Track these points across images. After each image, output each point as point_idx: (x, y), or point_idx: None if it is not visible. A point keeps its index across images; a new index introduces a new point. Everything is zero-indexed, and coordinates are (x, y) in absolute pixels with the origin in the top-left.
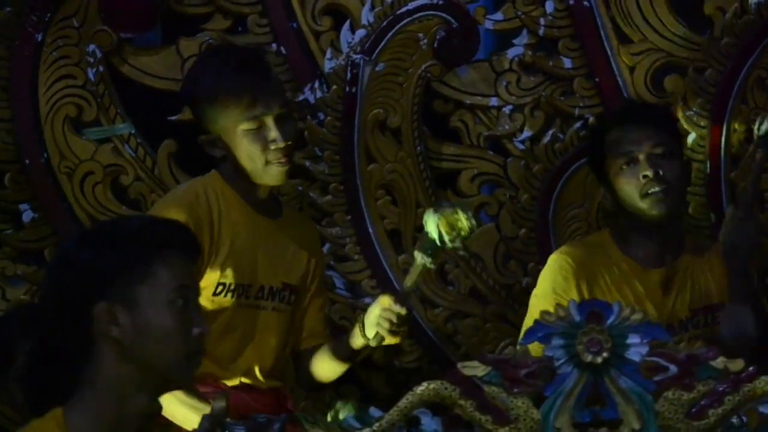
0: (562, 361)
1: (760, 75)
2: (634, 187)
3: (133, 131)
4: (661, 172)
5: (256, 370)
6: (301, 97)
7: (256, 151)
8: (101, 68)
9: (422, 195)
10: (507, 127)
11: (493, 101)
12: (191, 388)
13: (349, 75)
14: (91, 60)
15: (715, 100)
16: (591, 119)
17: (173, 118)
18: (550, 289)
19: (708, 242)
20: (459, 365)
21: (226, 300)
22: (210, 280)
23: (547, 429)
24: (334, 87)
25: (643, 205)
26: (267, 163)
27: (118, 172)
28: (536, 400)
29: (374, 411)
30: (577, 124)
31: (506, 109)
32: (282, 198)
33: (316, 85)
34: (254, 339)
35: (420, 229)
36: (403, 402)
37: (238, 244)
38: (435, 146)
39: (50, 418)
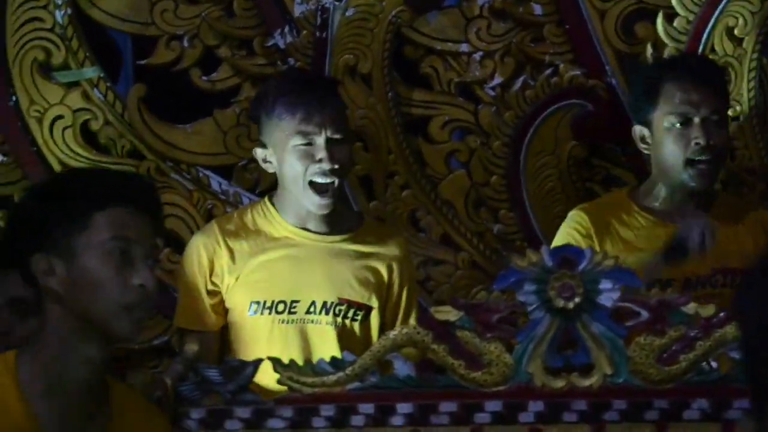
0: (534, 306)
1: (729, 23)
2: (681, 150)
3: (101, 75)
4: (712, 141)
5: None
6: (270, 42)
7: (301, 169)
8: (69, 11)
9: (393, 141)
10: (477, 73)
11: (464, 47)
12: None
13: (319, 20)
14: (59, 2)
15: (686, 48)
16: (562, 66)
17: (142, 62)
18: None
19: (741, 201)
20: (431, 310)
21: (264, 318)
22: (240, 300)
23: (520, 374)
24: (304, 32)
25: (685, 174)
26: (310, 182)
27: (87, 117)
28: (509, 344)
29: (347, 355)
30: (548, 71)
31: (477, 56)
32: None
33: (286, 29)
34: (311, 354)
35: (391, 175)
36: (376, 346)
37: (269, 263)
38: (406, 92)
39: (1, 359)
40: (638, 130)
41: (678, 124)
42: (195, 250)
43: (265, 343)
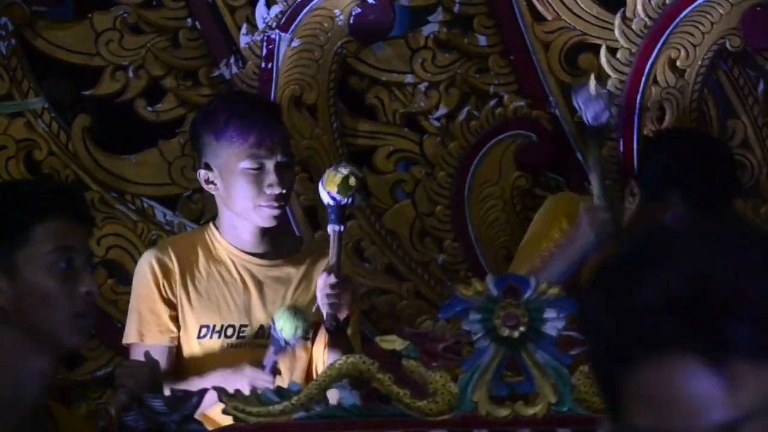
0: (479, 335)
1: (671, 54)
2: None
3: (46, 106)
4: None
5: None
6: (216, 73)
7: (251, 191)
8: (13, 41)
9: None
10: (423, 104)
11: (409, 78)
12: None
13: (264, 50)
14: (3, 33)
15: (629, 79)
16: (506, 96)
17: (87, 92)
18: (539, 229)
19: None
20: (377, 339)
21: (213, 342)
22: (190, 323)
23: (465, 403)
24: (250, 62)
25: None
26: (258, 206)
27: (31, 147)
28: (453, 374)
29: (293, 385)
30: (492, 102)
31: (422, 86)
32: None
33: (232, 60)
34: None
35: None
36: (322, 376)
37: (218, 287)
38: (351, 123)
39: None
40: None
41: None
42: (148, 263)
43: (216, 366)
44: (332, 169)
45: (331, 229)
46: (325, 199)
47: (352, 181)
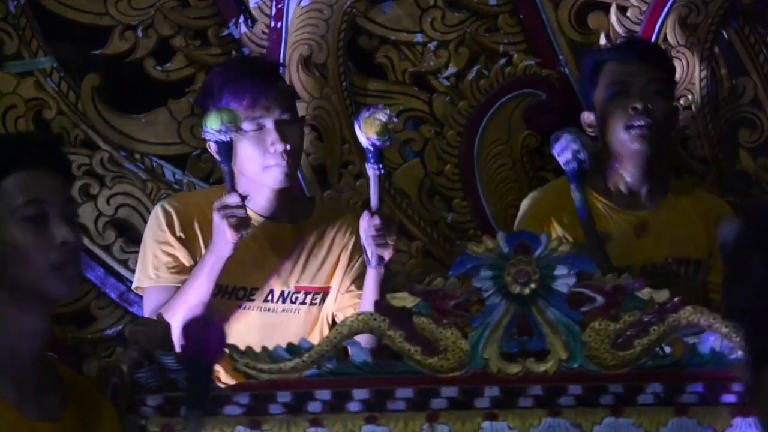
0: (490, 292)
1: (682, 12)
2: (620, 117)
3: (55, 65)
4: (650, 106)
5: None
6: (225, 32)
7: (255, 153)
8: (22, 1)
9: (347, 131)
10: (432, 63)
11: (418, 37)
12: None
13: (274, 10)
14: None
15: (639, 38)
16: (516, 56)
17: (96, 52)
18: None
19: (695, 187)
20: (388, 296)
21: (223, 302)
22: None
23: (476, 359)
24: (259, 22)
25: (625, 135)
26: (265, 167)
27: (40, 106)
28: (464, 330)
29: (304, 342)
30: (502, 61)
31: (431, 46)
32: None
33: (241, 20)
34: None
35: (345, 165)
36: (333, 333)
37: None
38: (360, 82)
39: None
40: (585, 116)
41: (616, 93)
42: (162, 209)
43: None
44: (369, 113)
45: (371, 170)
46: (364, 142)
47: (390, 124)
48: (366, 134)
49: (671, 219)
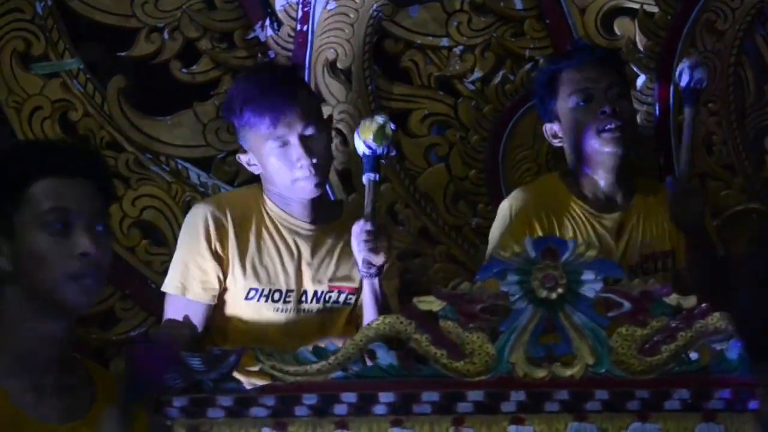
0: (517, 296)
1: (709, 18)
2: (590, 123)
3: (81, 67)
4: (618, 109)
5: None
6: (251, 35)
7: (284, 168)
8: (50, 2)
9: None
10: (457, 67)
11: (444, 41)
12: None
13: (300, 13)
14: None
15: (665, 43)
16: (541, 61)
17: (123, 54)
18: (502, 235)
19: (658, 185)
20: (415, 300)
21: (260, 305)
22: (240, 283)
23: (502, 364)
24: (285, 25)
25: (597, 142)
26: (294, 180)
27: (66, 108)
28: (491, 335)
29: (330, 345)
30: (528, 66)
31: (457, 50)
32: None
33: (267, 22)
34: (309, 341)
35: None
36: (359, 336)
37: (268, 251)
38: (386, 86)
39: None
40: (548, 127)
41: (582, 102)
42: (203, 216)
43: (260, 327)
44: (368, 119)
45: (366, 177)
46: (361, 148)
47: (387, 129)
48: (363, 138)
49: (642, 217)
